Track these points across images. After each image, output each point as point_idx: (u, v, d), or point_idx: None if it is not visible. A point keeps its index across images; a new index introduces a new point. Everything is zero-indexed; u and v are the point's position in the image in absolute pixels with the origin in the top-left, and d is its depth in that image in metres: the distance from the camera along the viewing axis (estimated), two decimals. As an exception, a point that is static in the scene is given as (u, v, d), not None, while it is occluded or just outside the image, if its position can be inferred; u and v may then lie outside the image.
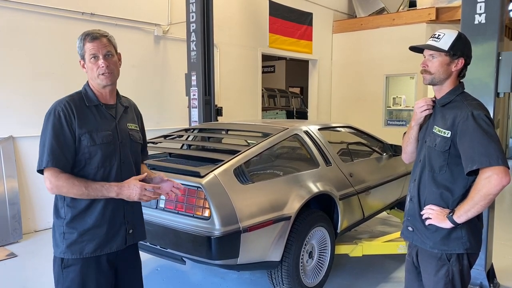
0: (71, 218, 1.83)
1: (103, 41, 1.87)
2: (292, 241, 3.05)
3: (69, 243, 1.83)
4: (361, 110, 9.69)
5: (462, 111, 1.87)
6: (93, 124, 1.86)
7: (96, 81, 1.88)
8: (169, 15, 6.46)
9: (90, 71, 1.87)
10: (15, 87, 4.80)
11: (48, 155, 1.75)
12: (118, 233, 1.92)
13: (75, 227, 1.83)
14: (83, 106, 1.87)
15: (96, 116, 1.89)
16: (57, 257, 1.87)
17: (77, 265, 1.84)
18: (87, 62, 1.86)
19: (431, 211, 1.93)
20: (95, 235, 1.85)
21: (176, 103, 6.61)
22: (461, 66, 1.95)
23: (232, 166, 2.88)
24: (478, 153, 1.77)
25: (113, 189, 1.81)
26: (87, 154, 1.82)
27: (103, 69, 1.84)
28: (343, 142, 4.63)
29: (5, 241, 4.57)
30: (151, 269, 3.90)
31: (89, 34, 1.85)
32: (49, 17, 5.04)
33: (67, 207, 1.83)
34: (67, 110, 1.81)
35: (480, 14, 3.20)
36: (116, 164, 1.90)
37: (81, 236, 1.83)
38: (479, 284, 3.35)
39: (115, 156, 1.90)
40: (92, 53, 1.84)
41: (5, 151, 4.70)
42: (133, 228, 2.00)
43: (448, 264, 1.93)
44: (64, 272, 1.85)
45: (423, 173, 2.03)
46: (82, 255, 1.83)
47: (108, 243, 1.89)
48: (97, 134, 1.85)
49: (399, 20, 9.10)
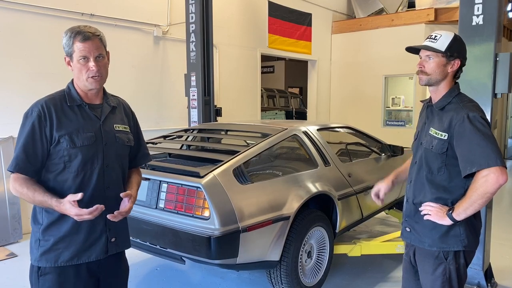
0: (47, 224, 1.75)
1: (95, 42, 1.74)
2: (291, 241, 3.06)
3: (44, 250, 1.74)
4: (360, 111, 9.71)
5: (458, 113, 1.88)
6: (75, 125, 1.75)
7: (83, 83, 1.77)
8: (168, 16, 6.47)
9: (78, 72, 1.76)
10: (15, 88, 4.81)
11: (14, 159, 1.70)
12: (98, 241, 1.81)
13: (51, 233, 1.74)
14: (64, 106, 1.77)
15: (78, 117, 1.78)
16: (33, 265, 1.78)
17: (53, 274, 1.75)
18: (75, 62, 1.75)
19: (430, 208, 1.94)
20: (71, 243, 1.75)
21: (175, 104, 6.62)
22: (457, 67, 1.96)
23: (232, 166, 2.90)
24: (476, 156, 1.79)
25: (54, 207, 1.67)
26: (66, 157, 1.73)
27: (93, 72, 1.73)
28: (342, 143, 4.65)
29: (5, 241, 4.58)
30: (150, 269, 3.91)
31: (81, 33, 1.71)
32: (48, 18, 5.05)
33: (45, 213, 1.75)
34: (43, 113, 1.72)
35: (478, 15, 3.22)
36: (98, 168, 1.79)
37: (56, 243, 1.74)
38: (476, 283, 3.37)
39: (97, 160, 1.79)
40: (83, 54, 1.72)
41: (5, 151, 4.71)
42: (116, 236, 1.88)
43: (445, 263, 1.94)
44: (40, 281, 1.76)
45: (419, 174, 2.04)
46: (57, 263, 1.74)
47: (86, 251, 1.79)
48: (78, 135, 1.74)
49: (398, 21, 9.12)
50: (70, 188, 1.74)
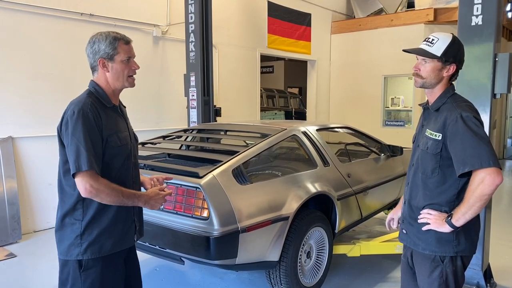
0: (90, 219, 1.82)
1: (132, 46, 1.93)
2: (290, 241, 3.06)
3: (89, 243, 1.81)
4: (360, 111, 9.72)
5: (452, 113, 1.87)
6: (116, 125, 1.89)
7: (122, 82, 1.90)
8: (168, 16, 6.47)
9: (120, 72, 1.88)
10: (14, 88, 4.80)
11: (85, 157, 1.70)
12: (130, 230, 1.96)
13: (93, 227, 1.82)
14: (103, 106, 1.87)
15: (114, 117, 1.91)
16: (71, 260, 1.83)
17: (97, 267, 1.84)
18: (118, 63, 1.86)
19: (429, 216, 1.92)
20: (112, 233, 1.87)
21: (175, 104, 6.63)
22: (452, 72, 1.94)
23: (231, 166, 2.90)
24: (469, 155, 1.77)
25: (142, 199, 1.87)
26: (112, 155, 1.83)
27: (134, 71, 1.91)
28: (341, 143, 4.64)
29: (4, 241, 4.58)
30: (150, 269, 3.91)
31: (122, 37, 1.88)
32: (48, 18, 5.05)
33: (84, 208, 1.82)
34: (95, 110, 1.80)
35: (477, 15, 3.22)
36: (132, 165, 1.95)
37: (100, 235, 1.83)
38: (476, 283, 3.37)
39: (131, 156, 1.95)
40: (128, 55, 1.88)
41: (4, 152, 4.71)
42: (140, 225, 2.06)
43: (441, 266, 1.93)
44: (83, 275, 1.82)
45: (415, 176, 2.03)
46: (101, 253, 1.84)
47: (123, 240, 1.92)
48: (119, 135, 1.88)
49: (397, 21, 9.13)
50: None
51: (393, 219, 2.31)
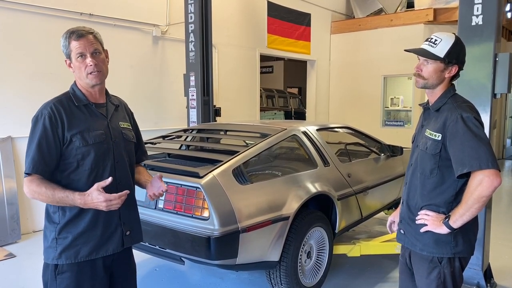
0: (65, 222, 1.78)
1: (90, 38, 1.78)
2: (290, 241, 3.06)
3: (63, 248, 1.77)
4: (359, 111, 9.72)
5: (452, 113, 1.86)
6: (84, 124, 1.80)
7: (84, 80, 1.81)
8: (167, 16, 6.47)
9: (78, 71, 1.80)
10: (14, 87, 4.80)
11: (29, 162, 1.72)
12: (114, 234, 1.87)
13: (68, 231, 1.78)
14: (72, 106, 1.81)
15: (87, 116, 1.83)
16: (49, 264, 1.81)
17: (71, 272, 1.79)
18: (74, 61, 1.80)
19: (426, 217, 1.91)
20: (89, 238, 1.80)
21: (174, 104, 6.62)
22: (454, 73, 1.93)
23: (231, 166, 2.89)
24: (468, 156, 1.76)
25: (77, 201, 1.71)
26: (79, 156, 1.77)
27: (91, 68, 1.77)
28: (341, 143, 4.64)
29: (4, 241, 4.57)
30: (150, 269, 3.91)
31: (74, 32, 1.77)
32: (47, 18, 5.04)
33: (61, 211, 1.78)
34: (53, 113, 1.75)
35: (477, 15, 3.22)
36: (109, 164, 1.84)
37: (75, 240, 1.78)
38: (476, 284, 3.37)
39: (109, 156, 1.85)
40: (79, 51, 1.77)
41: (4, 152, 4.70)
42: (131, 229, 1.95)
43: (439, 267, 1.92)
44: (58, 279, 1.79)
45: (413, 176, 2.03)
46: (77, 259, 1.78)
47: (103, 245, 1.84)
48: (89, 134, 1.79)
49: (397, 21, 9.13)
50: (84, 185, 1.77)
51: (394, 222, 2.28)
